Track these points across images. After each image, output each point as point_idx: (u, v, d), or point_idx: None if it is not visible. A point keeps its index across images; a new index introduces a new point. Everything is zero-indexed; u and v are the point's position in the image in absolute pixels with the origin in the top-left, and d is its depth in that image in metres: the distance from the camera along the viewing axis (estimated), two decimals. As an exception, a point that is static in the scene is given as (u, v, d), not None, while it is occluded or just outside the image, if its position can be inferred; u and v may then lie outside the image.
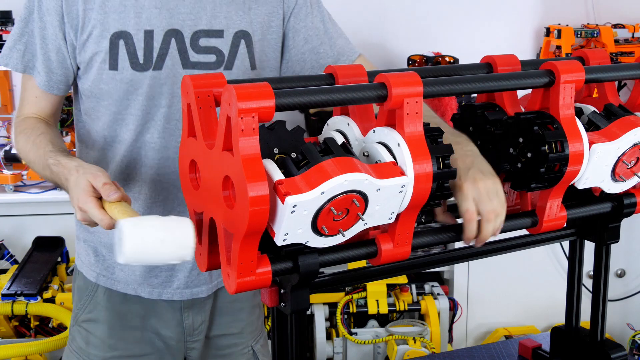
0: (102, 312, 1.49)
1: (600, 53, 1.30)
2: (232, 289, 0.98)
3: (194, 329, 1.52)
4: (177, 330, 1.51)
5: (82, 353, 1.50)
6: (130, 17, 1.32)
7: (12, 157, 2.88)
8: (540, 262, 3.04)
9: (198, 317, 1.52)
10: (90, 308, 1.50)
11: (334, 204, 0.94)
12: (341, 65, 1.14)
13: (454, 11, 3.21)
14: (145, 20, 1.33)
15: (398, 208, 1.01)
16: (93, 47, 1.34)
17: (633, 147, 1.20)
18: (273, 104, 0.91)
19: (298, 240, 0.97)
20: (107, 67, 1.34)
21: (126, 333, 1.49)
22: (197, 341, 1.54)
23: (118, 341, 1.49)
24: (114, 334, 1.49)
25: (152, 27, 1.33)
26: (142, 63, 1.34)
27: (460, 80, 1.08)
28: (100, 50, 1.33)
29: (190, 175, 1.07)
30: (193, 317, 1.51)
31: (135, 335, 1.50)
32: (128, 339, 1.49)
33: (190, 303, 1.51)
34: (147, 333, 1.50)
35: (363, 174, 0.94)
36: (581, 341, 1.48)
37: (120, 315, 1.49)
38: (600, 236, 1.39)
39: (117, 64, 1.34)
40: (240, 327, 1.59)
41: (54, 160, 1.29)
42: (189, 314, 1.51)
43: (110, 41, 1.33)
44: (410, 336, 2.71)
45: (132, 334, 1.50)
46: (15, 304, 2.47)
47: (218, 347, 1.58)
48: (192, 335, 1.53)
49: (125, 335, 1.49)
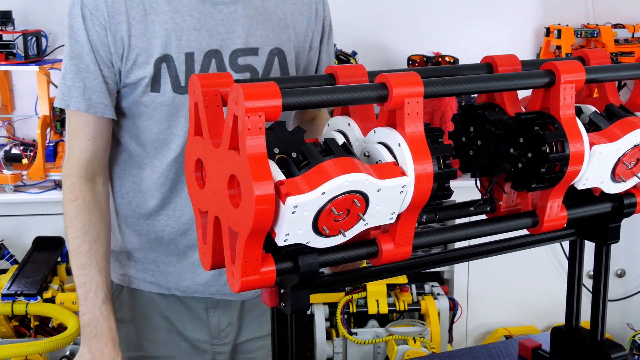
0: (128, 312, 1.50)
1: (601, 53, 1.30)
2: (236, 287, 0.99)
3: (220, 331, 1.52)
4: (203, 331, 1.51)
5: None
6: (171, 41, 1.33)
7: (12, 157, 2.88)
8: (540, 262, 3.04)
9: (224, 318, 1.51)
10: (116, 308, 1.50)
11: (335, 204, 0.94)
12: (341, 66, 1.14)
13: (454, 11, 3.21)
14: (186, 43, 1.33)
15: (399, 208, 1.01)
16: (138, 73, 1.34)
17: (633, 149, 1.20)
18: (280, 103, 0.92)
19: (299, 240, 0.97)
20: (150, 89, 1.35)
21: (151, 333, 1.50)
22: (224, 344, 1.53)
23: (143, 341, 1.50)
24: (139, 334, 1.49)
25: (192, 50, 1.34)
26: (183, 86, 1.35)
27: (460, 80, 1.08)
28: (146, 76, 1.34)
29: (195, 174, 1.08)
30: (219, 317, 1.51)
31: (161, 336, 1.50)
32: (153, 339, 1.50)
33: (216, 303, 1.50)
34: (172, 335, 1.50)
35: (364, 175, 0.94)
36: (581, 341, 1.48)
37: (146, 315, 1.50)
38: (600, 236, 1.39)
39: (159, 87, 1.34)
40: (267, 329, 1.56)
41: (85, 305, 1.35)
42: (214, 313, 1.50)
43: (154, 66, 1.33)
44: (410, 336, 2.71)
45: (157, 334, 1.50)
46: (15, 304, 2.46)
47: (246, 351, 1.58)
48: (218, 338, 1.52)
49: (150, 336, 1.50)
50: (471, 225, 1.19)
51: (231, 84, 0.99)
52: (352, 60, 2.93)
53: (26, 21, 2.95)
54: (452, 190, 1.06)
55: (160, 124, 1.37)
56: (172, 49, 1.33)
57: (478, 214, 1.25)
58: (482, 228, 1.19)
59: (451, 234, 1.15)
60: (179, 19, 1.32)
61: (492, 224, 1.20)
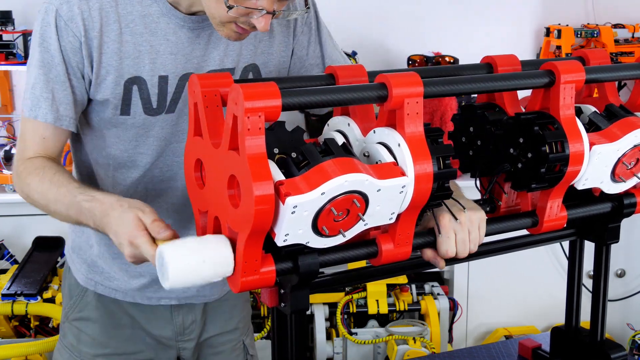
0: (93, 311, 1.50)
1: (600, 53, 1.30)
2: (237, 287, 0.99)
3: (184, 328, 1.53)
4: (168, 329, 1.52)
5: (73, 350, 1.51)
6: (145, 63, 1.29)
7: (12, 157, 2.87)
8: (540, 262, 3.04)
9: (188, 317, 1.52)
10: (81, 307, 1.51)
11: (335, 204, 0.94)
12: (341, 66, 1.14)
13: (454, 11, 3.21)
14: (160, 66, 1.30)
15: (399, 208, 1.01)
16: (107, 92, 1.30)
17: (633, 149, 1.20)
18: (279, 103, 0.92)
19: (299, 240, 0.97)
20: (119, 112, 1.31)
21: (117, 331, 1.50)
22: (189, 340, 1.54)
23: (109, 339, 1.50)
24: (105, 332, 1.50)
25: (166, 73, 1.31)
26: (155, 108, 1.32)
27: (460, 80, 1.08)
28: (114, 97, 1.30)
29: (195, 174, 1.08)
30: (183, 316, 1.52)
31: (125, 333, 1.51)
32: (119, 337, 1.50)
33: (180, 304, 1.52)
34: (137, 331, 1.51)
35: (363, 175, 0.94)
36: (581, 341, 1.48)
37: (111, 314, 1.50)
38: (600, 236, 1.39)
39: (129, 110, 1.31)
40: (234, 323, 1.60)
41: (86, 196, 1.20)
42: (178, 313, 1.52)
43: (124, 87, 1.30)
44: (410, 336, 2.70)
45: (122, 332, 1.50)
46: (15, 304, 2.46)
47: (212, 345, 1.58)
48: (183, 335, 1.53)
49: (116, 334, 1.50)
50: (471, 225, 1.19)
51: (231, 84, 0.99)
52: (352, 60, 2.93)
53: (26, 21, 2.95)
54: (452, 191, 1.07)
55: (127, 142, 1.35)
56: (145, 71, 1.29)
57: (478, 214, 1.25)
58: (482, 228, 1.19)
59: (451, 234, 1.15)
60: (155, 42, 1.29)
61: (492, 224, 1.20)
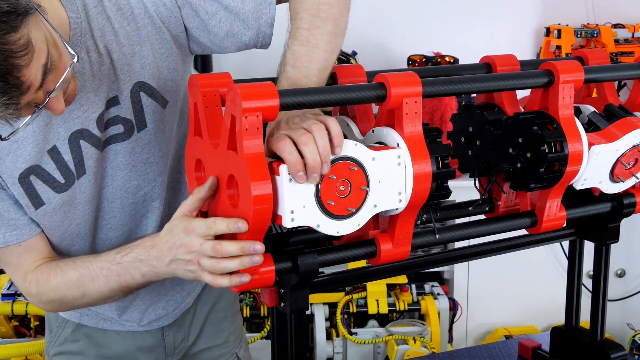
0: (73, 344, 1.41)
1: (600, 53, 1.30)
2: (237, 287, 0.99)
3: (174, 348, 1.47)
4: (158, 351, 1.45)
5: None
6: (27, 150, 1.14)
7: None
8: (540, 262, 3.04)
9: (179, 335, 1.47)
10: (61, 340, 1.43)
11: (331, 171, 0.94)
12: (341, 66, 1.14)
13: (454, 11, 3.21)
14: (43, 143, 1.14)
15: (404, 187, 1.00)
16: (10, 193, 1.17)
17: (632, 149, 1.20)
18: (277, 103, 0.92)
19: (307, 221, 0.95)
20: (34, 209, 1.17)
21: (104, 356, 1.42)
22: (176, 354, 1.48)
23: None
24: None
25: (53, 144, 1.16)
26: (64, 182, 1.18)
27: (459, 80, 1.08)
28: (20, 197, 1.16)
29: (195, 174, 1.08)
30: (174, 335, 1.46)
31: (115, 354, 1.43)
32: None
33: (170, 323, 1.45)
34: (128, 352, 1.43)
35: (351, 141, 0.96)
36: (581, 341, 1.48)
37: (96, 345, 1.41)
38: (600, 236, 1.39)
39: (41, 201, 1.17)
40: (225, 336, 1.54)
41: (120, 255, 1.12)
42: (169, 332, 1.45)
43: (20, 182, 1.15)
44: (410, 336, 2.70)
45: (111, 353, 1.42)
46: (15, 304, 2.47)
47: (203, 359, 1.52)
48: (172, 355, 1.47)
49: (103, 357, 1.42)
50: (470, 225, 1.19)
51: (230, 84, 0.99)
52: (352, 60, 2.93)
53: (26, 21, 2.95)
54: (451, 190, 1.07)
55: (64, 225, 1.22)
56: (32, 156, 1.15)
57: (477, 214, 1.25)
58: (481, 228, 1.19)
59: (450, 234, 1.15)
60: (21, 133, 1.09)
61: (491, 224, 1.20)
